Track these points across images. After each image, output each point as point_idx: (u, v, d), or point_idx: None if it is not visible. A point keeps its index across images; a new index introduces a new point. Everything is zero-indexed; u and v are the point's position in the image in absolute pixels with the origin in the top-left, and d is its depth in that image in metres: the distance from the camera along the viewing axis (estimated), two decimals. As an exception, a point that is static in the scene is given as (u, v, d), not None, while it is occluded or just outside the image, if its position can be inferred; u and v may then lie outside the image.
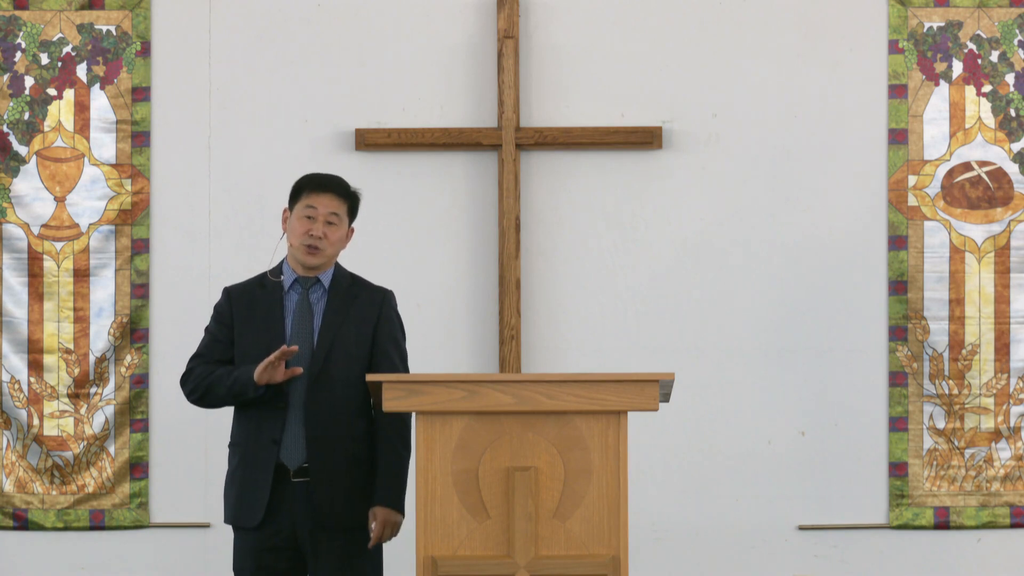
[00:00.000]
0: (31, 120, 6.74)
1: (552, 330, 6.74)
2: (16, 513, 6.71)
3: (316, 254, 5.13)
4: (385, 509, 5.07)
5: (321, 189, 5.16)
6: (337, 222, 5.16)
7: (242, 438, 5.14)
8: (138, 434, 6.73)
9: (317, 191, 5.15)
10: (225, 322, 5.19)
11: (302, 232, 5.13)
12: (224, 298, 5.24)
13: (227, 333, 5.18)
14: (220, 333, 5.19)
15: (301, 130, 6.75)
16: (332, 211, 5.15)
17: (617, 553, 4.59)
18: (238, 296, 5.22)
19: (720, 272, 6.75)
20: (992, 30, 6.76)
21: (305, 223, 5.13)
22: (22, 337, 6.73)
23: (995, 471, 6.73)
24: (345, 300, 5.17)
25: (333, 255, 5.19)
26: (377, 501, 5.08)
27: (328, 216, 5.14)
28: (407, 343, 5.28)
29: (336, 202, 5.16)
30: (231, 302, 5.21)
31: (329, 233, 5.14)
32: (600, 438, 4.62)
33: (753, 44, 6.78)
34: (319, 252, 5.13)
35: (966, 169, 6.77)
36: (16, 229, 6.75)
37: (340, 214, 5.16)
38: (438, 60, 6.77)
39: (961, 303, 6.75)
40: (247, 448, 5.11)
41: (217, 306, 5.24)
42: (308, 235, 5.12)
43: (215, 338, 5.20)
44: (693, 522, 6.71)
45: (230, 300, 5.22)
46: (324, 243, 5.13)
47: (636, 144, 6.73)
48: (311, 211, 5.13)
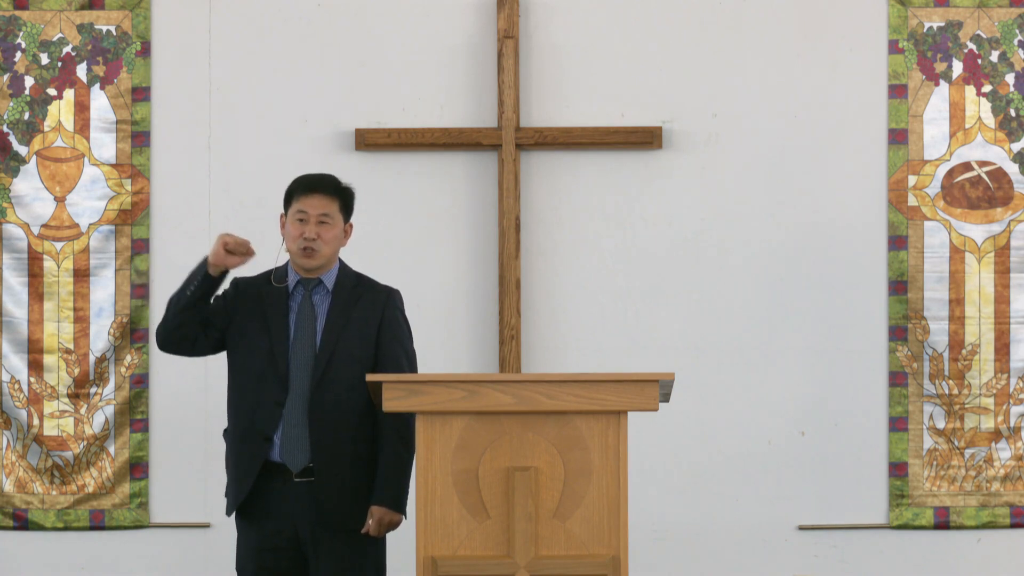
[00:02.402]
0: (31, 120, 6.74)
1: (552, 330, 6.74)
2: (16, 513, 6.71)
3: (313, 256, 5.14)
4: (382, 508, 5.07)
5: (309, 191, 5.17)
6: (330, 221, 5.16)
7: (233, 427, 5.16)
8: (138, 434, 6.73)
9: (306, 193, 5.17)
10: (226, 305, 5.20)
11: (296, 235, 5.15)
12: (232, 287, 5.25)
13: (223, 311, 5.18)
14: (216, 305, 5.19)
15: (301, 130, 6.75)
16: (323, 211, 5.15)
17: (617, 553, 4.59)
18: (245, 288, 5.23)
19: (720, 272, 6.75)
20: (992, 30, 6.76)
21: (298, 226, 5.15)
22: (22, 337, 6.73)
23: (995, 471, 6.73)
24: (348, 302, 5.17)
25: (331, 254, 5.19)
26: (375, 501, 5.08)
27: (319, 216, 5.15)
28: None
29: (325, 201, 5.16)
30: (237, 293, 5.22)
31: (323, 233, 5.14)
32: (600, 438, 4.62)
33: (753, 44, 6.78)
34: (316, 253, 5.14)
35: (966, 169, 6.77)
36: (16, 229, 6.75)
37: (331, 213, 5.17)
38: (438, 60, 6.77)
39: (961, 303, 6.75)
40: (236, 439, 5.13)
41: (224, 292, 5.24)
42: (302, 238, 5.14)
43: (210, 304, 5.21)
44: (693, 522, 6.71)
45: (236, 290, 5.23)
46: (319, 243, 5.13)
47: (636, 144, 6.73)
48: (302, 214, 5.15)
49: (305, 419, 5.07)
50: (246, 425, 5.11)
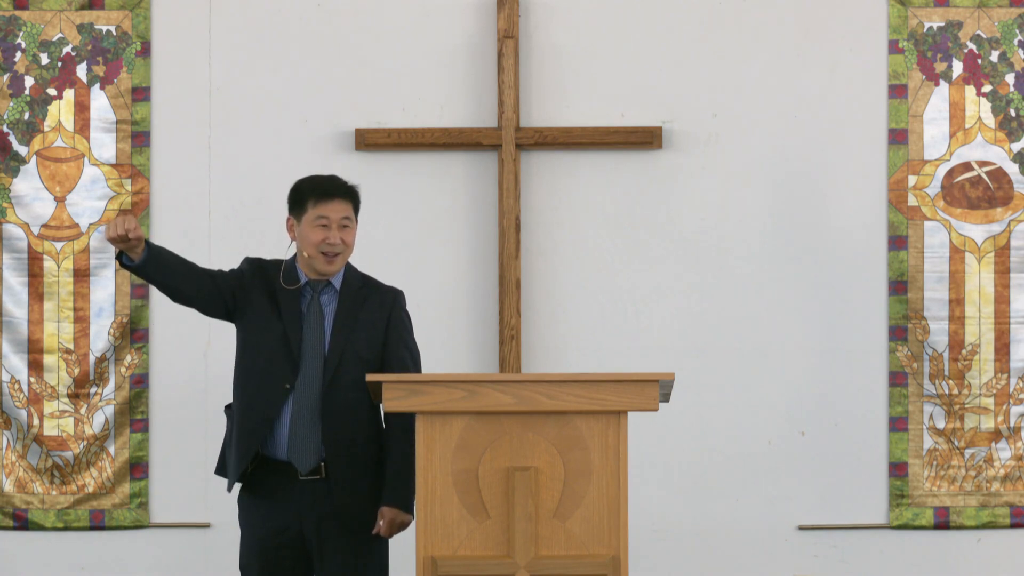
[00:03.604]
0: (31, 120, 6.74)
1: (552, 330, 6.74)
2: (16, 513, 6.71)
3: (334, 261, 5.15)
4: (393, 509, 5.08)
5: (328, 196, 5.14)
6: (350, 224, 5.18)
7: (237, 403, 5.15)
8: (138, 434, 6.73)
9: (324, 199, 5.14)
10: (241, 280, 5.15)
11: (318, 241, 5.11)
12: (247, 264, 5.21)
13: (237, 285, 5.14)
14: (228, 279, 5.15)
15: (301, 130, 6.75)
16: (344, 215, 5.15)
17: (617, 553, 4.59)
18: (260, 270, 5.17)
19: (720, 272, 6.75)
20: (992, 30, 6.76)
21: (320, 232, 5.12)
22: (22, 337, 6.73)
23: (995, 471, 6.73)
24: (356, 303, 5.17)
25: (349, 257, 5.20)
26: (385, 502, 5.09)
27: (341, 221, 5.14)
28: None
29: (344, 205, 5.16)
30: (253, 272, 5.17)
31: (345, 237, 5.15)
32: (600, 438, 4.62)
33: (753, 44, 6.78)
34: (337, 258, 5.15)
35: (966, 169, 6.77)
36: (16, 229, 6.75)
37: (351, 216, 5.18)
38: (438, 60, 6.77)
39: (961, 303, 6.75)
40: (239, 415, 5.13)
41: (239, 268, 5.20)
42: (326, 243, 5.12)
43: (220, 272, 5.17)
44: (693, 522, 6.71)
45: (252, 268, 5.18)
46: (341, 247, 5.14)
47: (636, 144, 6.73)
48: (324, 219, 5.12)
49: (317, 420, 5.07)
50: (250, 403, 5.10)
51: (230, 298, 5.15)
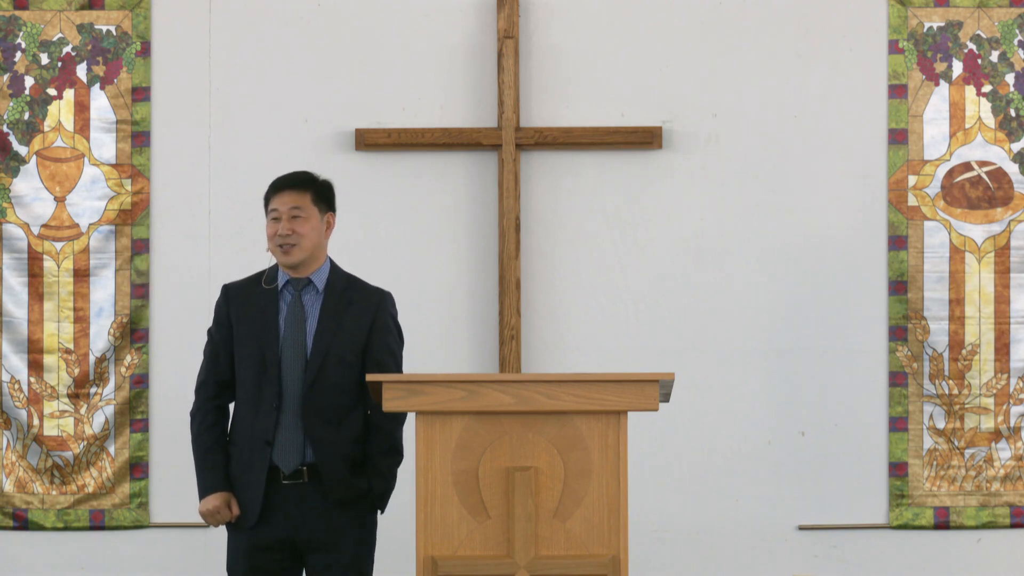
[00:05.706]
0: (31, 120, 6.74)
1: (552, 330, 6.74)
2: (16, 513, 6.71)
3: (290, 251, 5.14)
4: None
5: (277, 189, 5.19)
6: (302, 214, 5.15)
7: (237, 436, 5.16)
8: (138, 434, 6.73)
9: (274, 193, 5.19)
10: (223, 323, 5.21)
11: (271, 235, 5.16)
12: (222, 297, 5.25)
13: (227, 334, 5.20)
14: (219, 335, 5.21)
15: (301, 130, 6.75)
16: (293, 206, 5.14)
17: (617, 553, 4.59)
18: (236, 294, 5.23)
19: (720, 272, 6.75)
20: (992, 30, 6.76)
21: (272, 225, 5.16)
22: (22, 337, 6.73)
23: (995, 471, 6.73)
24: (339, 305, 5.16)
25: (311, 248, 5.16)
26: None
27: (290, 212, 5.14)
28: (405, 345, 5.28)
29: (294, 196, 5.15)
30: (229, 301, 5.22)
31: (296, 227, 5.13)
32: (600, 438, 4.62)
33: (753, 44, 6.78)
34: (292, 248, 5.13)
35: (966, 169, 6.78)
36: (16, 229, 6.75)
37: (303, 206, 5.15)
38: (438, 60, 6.78)
39: (961, 303, 6.75)
40: (241, 448, 5.14)
41: (216, 306, 5.26)
42: (276, 235, 5.14)
43: (215, 350, 5.21)
44: (693, 522, 6.71)
45: (228, 299, 5.23)
46: (294, 238, 5.12)
47: (636, 144, 6.73)
48: (275, 212, 5.16)
49: (299, 422, 5.08)
50: (248, 432, 5.11)
51: (232, 344, 5.22)
